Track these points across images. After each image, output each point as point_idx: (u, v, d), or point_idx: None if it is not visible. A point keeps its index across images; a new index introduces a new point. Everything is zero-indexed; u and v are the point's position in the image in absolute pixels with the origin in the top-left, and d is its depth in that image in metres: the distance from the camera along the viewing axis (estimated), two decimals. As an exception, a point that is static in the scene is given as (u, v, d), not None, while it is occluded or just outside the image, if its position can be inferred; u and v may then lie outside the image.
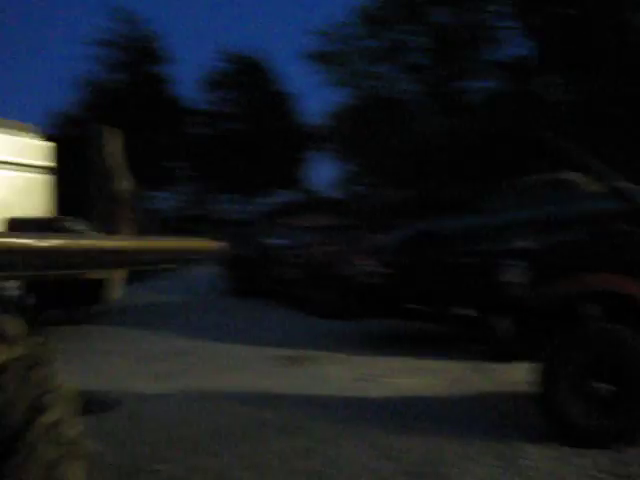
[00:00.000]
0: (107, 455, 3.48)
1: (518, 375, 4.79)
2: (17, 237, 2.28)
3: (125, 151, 3.66)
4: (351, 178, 29.48)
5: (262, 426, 4.30)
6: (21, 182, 3.24)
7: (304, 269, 9.14)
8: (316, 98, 66.13)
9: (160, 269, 3.23)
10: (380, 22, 22.40)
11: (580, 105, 13.20)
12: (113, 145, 3.41)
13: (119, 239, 2.97)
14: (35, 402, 2.03)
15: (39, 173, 3.38)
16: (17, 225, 3.09)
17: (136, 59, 31.56)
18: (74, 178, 3.48)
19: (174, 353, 6.85)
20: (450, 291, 5.04)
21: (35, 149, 3.23)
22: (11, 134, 3.27)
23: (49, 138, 3.44)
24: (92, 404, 4.50)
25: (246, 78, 33.12)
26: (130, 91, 30.21)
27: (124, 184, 3.44)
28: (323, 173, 60.95)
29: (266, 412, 4.62)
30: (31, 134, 3.33)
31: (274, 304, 10.39)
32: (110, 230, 3.48)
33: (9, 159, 3.19)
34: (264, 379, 5.67)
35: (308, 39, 36.18)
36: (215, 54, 36.88)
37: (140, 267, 3.42)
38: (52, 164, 3.45)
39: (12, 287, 3.42)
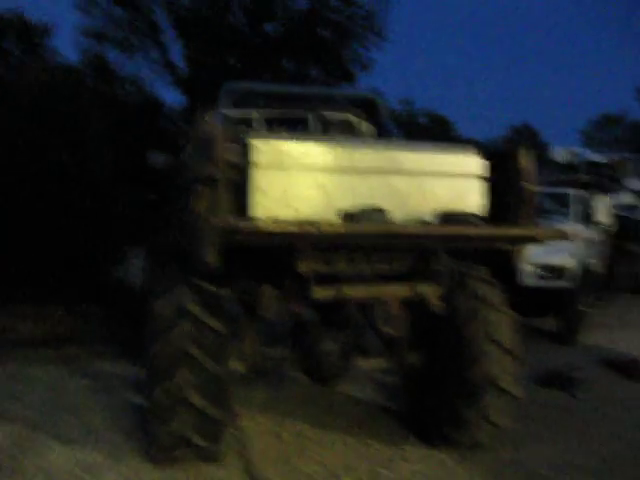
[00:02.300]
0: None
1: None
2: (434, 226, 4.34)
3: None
4: None
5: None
6: (459, 187, 4.59)
7: None
8: None
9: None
10: None
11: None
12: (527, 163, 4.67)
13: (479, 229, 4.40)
14: None
15: (473, 180, 4.64)
16: (445, 218, 4.38)
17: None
18: (499, 185, 4.73)
19: None
20: None
21: (471, 162, 4.65)
22: (454, 153, 4.70)
23: (484, 154, 4.69)
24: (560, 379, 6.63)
25: None
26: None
27: (531, 187, 4.63)
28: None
29: None
30: (470, 152, 4.69)
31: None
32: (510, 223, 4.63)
33: (450, 170, 4.58)
34: None
35: None
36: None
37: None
38: (481, 174, 4.67)
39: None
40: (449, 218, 4.36)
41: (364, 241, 4.15)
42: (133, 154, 16.37)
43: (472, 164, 4.64)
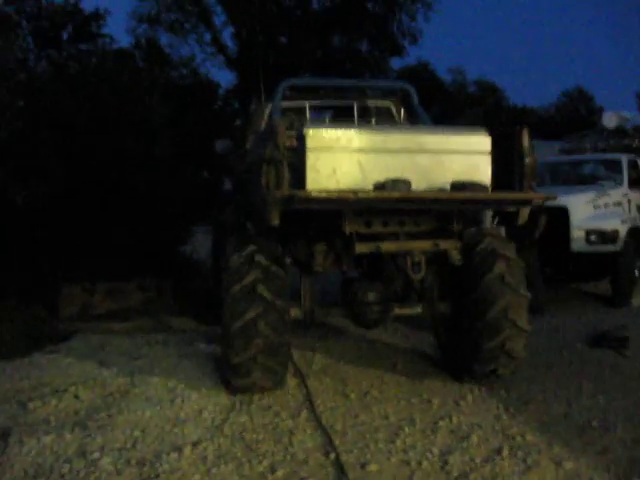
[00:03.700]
0: None
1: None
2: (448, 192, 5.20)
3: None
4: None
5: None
6: (470, 163, 5.38)
7: None
8: None
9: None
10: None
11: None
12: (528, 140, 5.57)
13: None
14: None
15: (482, 156, 5.42)
16: (458, 186, 5.23)
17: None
18: (502, 159, 5.50)
19: None
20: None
21: (481, 141, 5.44)
22: (467, 134, 5.59)
23: (491, 134, 5.47)
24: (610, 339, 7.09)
25: None
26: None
27: (531, 160, 5.51)
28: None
29: None
30: (480, 132, 5.50)
31: None
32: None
33: (463, 148, 5.43)
34: None
35: None
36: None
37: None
38: (489, 150, 5.43)
39: None
40: (459, 186, 5.23)
41: (390, 205, 5.14)
42: (192, 136, 16.93)
43: (482, 142, 5.47)
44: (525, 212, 5.63)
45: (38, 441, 4.56)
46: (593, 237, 9.09)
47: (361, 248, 5.35)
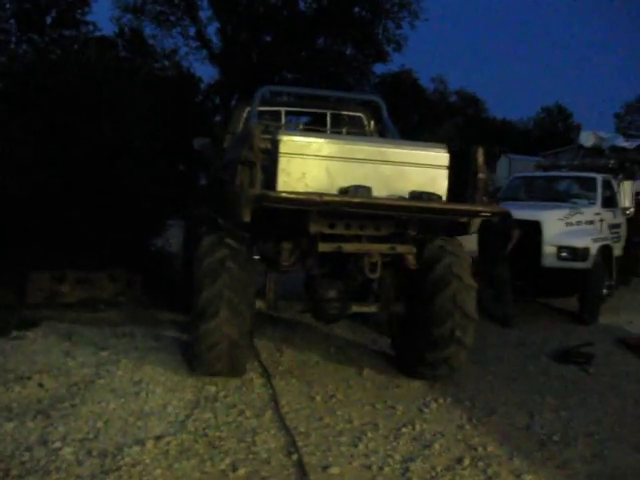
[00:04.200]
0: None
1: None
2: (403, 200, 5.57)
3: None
4: None
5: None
6: (429, 176, 5.80)
7: None
8: None
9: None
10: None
11: None
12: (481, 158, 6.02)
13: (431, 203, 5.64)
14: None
15: (440, 170, 5.84)
16: (415, 196, 5.66)
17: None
18: (458, 174, 5.99)
19: None
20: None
21: (440, 157, 5.87)
22: (428, 149, 5.96)
23: (449, 151, 5.91)
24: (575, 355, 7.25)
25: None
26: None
27: (484, 176, 6.01)
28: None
29: None
30: (440, 148, 5.93)
31: None
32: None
33: (423, 162, 5.82)
34: None
35: None
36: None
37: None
38: (447, 165, 5.85)
39: None
40: (416, 196, 5.67)
41: (352, 208, 5.45)
42: (171, 128, 16.80)
43: (441, 158, 5.90)
44: (476, 223, 6.12)
45: (-1, 427, 4.52)
46: (564, 253, 9.21)
47: (324, 247, 5.83)
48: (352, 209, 5.46)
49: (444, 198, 5.84)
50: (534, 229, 9.27)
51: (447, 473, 4.30)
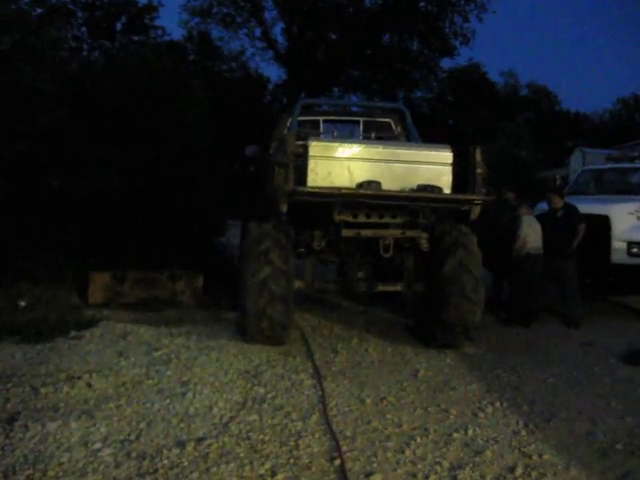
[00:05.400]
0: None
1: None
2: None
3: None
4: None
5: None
6: (434, 172, 6.89)
7: None
8: None
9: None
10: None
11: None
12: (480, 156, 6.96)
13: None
14: None
15: (445, 167, 6.92)
16: (420, 188, 6.71)
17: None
18: (460, 170, 6.94)
19: None
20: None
21: (444, 156, 6.97)
22: (433, 149, 7.10)
23: (452, 149, 6.97)
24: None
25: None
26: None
27: (481, 171, 6.91)
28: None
29: None
30: (444, 149, 7.01)
31: None
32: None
33: (430, 160, 6.94)
34: None
35: None
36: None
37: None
38: (450, 162, 6.92)
39: None
40: (421, 188, 6.71)
41: (364, 199, 6.65)
42: (239, 130, 16.89)
43: (445, 156, 6.95)
44: (476, 210, 7.03)
45: (43, 427, 4.52)
46: (635, 249, 8.75)
47: (346, 233, 7.03)
48: (365, 200, 6.65)
49: (448, 191, 6.84)
50: (603, 224, 8.83)
51: (497, 483, 4.06)
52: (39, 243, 9.41)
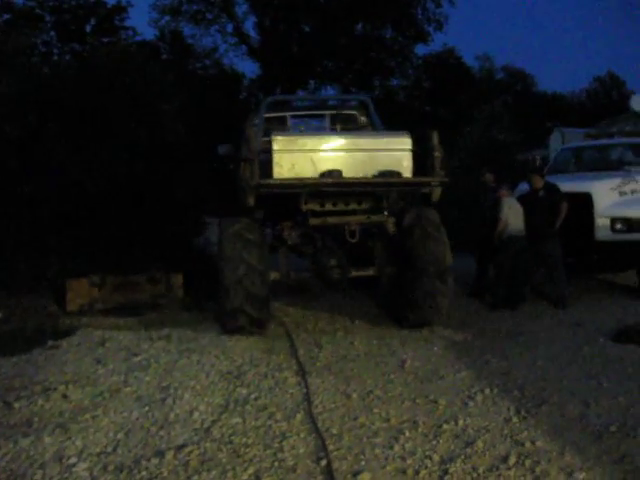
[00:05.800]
0: None
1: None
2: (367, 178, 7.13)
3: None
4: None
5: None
6: (394, 158, 7.21)
7: None
8: None
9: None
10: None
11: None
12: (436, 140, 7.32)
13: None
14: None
15: (404, 152, 7.20)
16: (385, 174, 7.12)
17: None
18: (420, 154, 7.28)
19: None
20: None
21: (403, 142, 7.27)
22: (392, 136, 7.45)
23: (411, 135, 7.25)
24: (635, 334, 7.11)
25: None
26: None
27: (438, 154, 7.26)
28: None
29: None
30: (403, 135, 7.31)
31: None
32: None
33: (390, 147, 7.27)
34: None
35: None
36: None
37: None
38: (410, 148, 7.19)
39: None
40: (382, 174, 7.06)
41: (327, 187, 7.02)
42: (214, 128, 16.63)
43: (404, 142, 7.27)
44: (437, 192, 7.42)
45: (15, 444, 4.32)
46: (619, 225, 8.63)
47: (313, 221, 7.37)
48: (327, 188, 7.03)
49: (409, 175, 7.19)
50: (585, 201, 8.71)
51: (490, 474, 3.90)
52: (13, 252, 9.20)
